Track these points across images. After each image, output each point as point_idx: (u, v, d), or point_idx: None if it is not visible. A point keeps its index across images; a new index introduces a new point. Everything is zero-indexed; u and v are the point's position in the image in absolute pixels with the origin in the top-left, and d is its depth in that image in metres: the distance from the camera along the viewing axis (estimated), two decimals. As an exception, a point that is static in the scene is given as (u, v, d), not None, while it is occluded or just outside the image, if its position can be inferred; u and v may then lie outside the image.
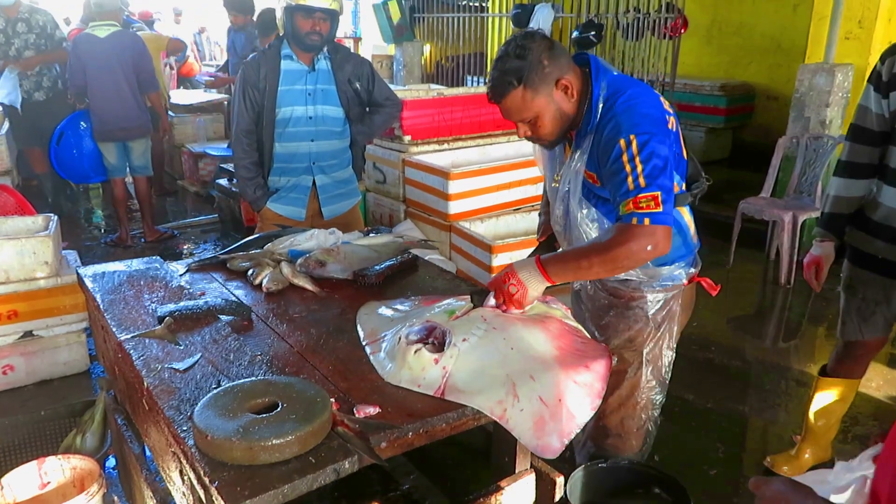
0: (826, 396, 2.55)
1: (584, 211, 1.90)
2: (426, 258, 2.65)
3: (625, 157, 1.69)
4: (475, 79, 8.34)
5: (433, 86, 6.99)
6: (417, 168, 4.71)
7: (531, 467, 1.90)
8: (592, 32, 6.62)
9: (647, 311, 2.00)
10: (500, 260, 4.06)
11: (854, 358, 2.49)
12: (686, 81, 7.74)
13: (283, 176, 3.00)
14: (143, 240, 5.62)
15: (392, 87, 6.42)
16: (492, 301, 1.78)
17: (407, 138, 4.85)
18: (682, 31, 6.05)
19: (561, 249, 2.07)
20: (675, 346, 2.09)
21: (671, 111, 1.84)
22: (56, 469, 2.11)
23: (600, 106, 1.78)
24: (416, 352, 1.58)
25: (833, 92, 4.91)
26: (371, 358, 1.69)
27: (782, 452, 2.77)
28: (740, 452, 2.97)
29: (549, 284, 1.74)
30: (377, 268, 2.25)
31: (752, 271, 5.10)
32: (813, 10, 5.42)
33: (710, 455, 2.89)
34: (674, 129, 1.82)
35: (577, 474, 1.98)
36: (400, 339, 1.64)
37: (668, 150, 1.72)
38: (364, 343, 1.76)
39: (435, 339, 1.64)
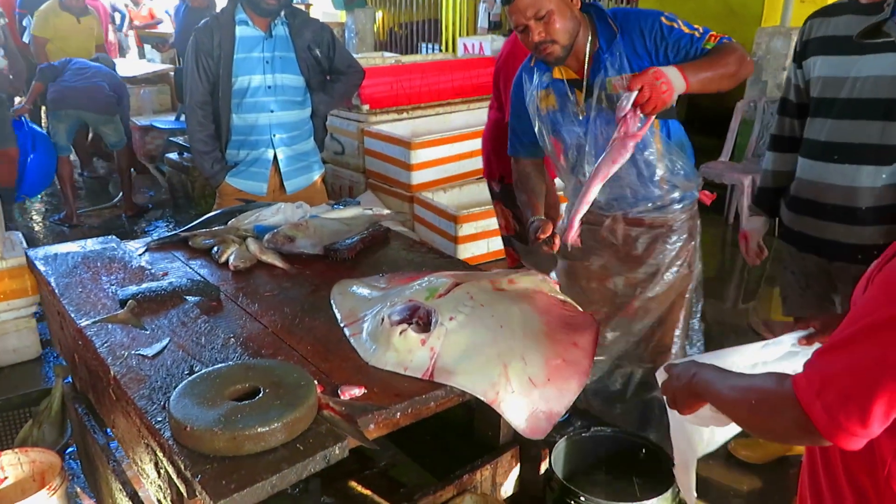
0: None
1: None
2: (394, 230, 2.58)
3: (676, 26, 1.86)
4: (429, 46, 8.20)
5: (386, 54, 6.83)
6: (377, 138, 4.60)
7: (514, 441, 1.87)
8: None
9: (686, 231, 2.12)
10: (465, 230, 4.01)
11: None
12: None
13: (241, 149, 2.86)
14: (123, 215, 5.42)
15: (347, 55, 6.22)
16: (631, 98, 1.68)
17: (365, 107, 4.73)
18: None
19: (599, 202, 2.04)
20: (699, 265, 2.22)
21: None
22: (13, 463, 1.99)
23: (609, 17, 1.92)
24: (401, 332, 1.51)
25: (790, 55, 4.96)
26: (352, 340, 1.61)
27: (748, 440, 2.66)
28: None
29: (685, 90, 1.75)
30: (348, 241, 2.17)
31: (712, 234, 5.16)
32: (768, -27, 5.44)
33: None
34: None
35: (561, 445, 1.96)
36: (383, 319, 1.56)
37: None
38: (342, 325, 1.68)
39: (419, 319, 1.57)
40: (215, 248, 2.12)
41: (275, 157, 2.86)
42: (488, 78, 5.25)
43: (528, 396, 1.50)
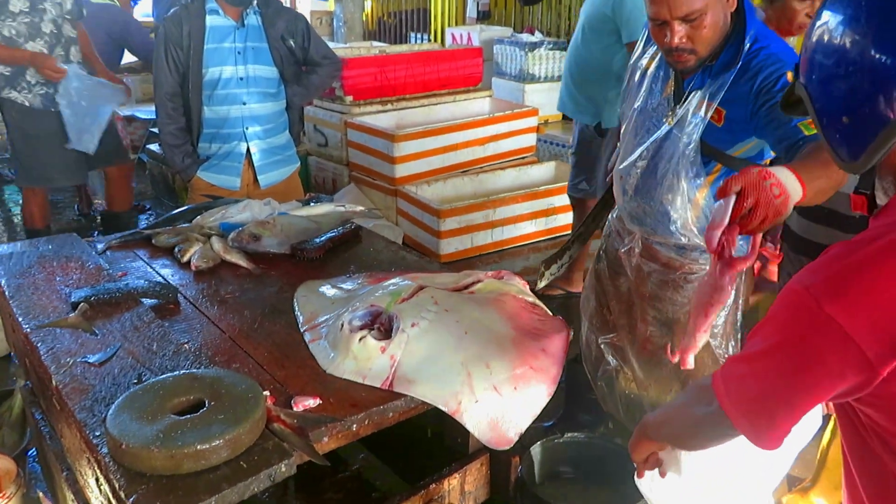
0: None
1: (693, 155, 1.71)
2: (371, 226, 2.52)
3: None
4: (418, 35, 8.10)
5: (375, 43, 6.73)
6: (360, 130, 4.51)
7: (485, 448, 1.81)
8: None
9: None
10: (448, 225, 3.94)
11: None
12: (632, 37, 7.66)
13: (213, 142, 2.77)
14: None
15: (332, 44, 6.14)
16: (729, 206, 1.23)
17: (349, 99, 4.64)
18: None
19: (631, 191, 1.88)
20: (740, 323, 1.92)
21: None
22: (-32, 469, 1.92)
23: (747, 45, 1.62)
24: (360, 339, 1.45)
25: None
26: (311, 346, 1.54)
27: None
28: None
29: (801, 196, 1.29)
30: (317, 240, 2.09)
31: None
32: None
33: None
34: None
35: (534, 450, 1.91)
36: (343, 325, 1.50)
37: None
38: (302, 329, 1.61)
39: (381, 326, 1.50)
40: (178, 247, 2.04)
41: (248, 150, 2.78)
42: (475, 69, 5.21)
43: (492, 406, 1.43)
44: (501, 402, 1.44)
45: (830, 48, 0.89)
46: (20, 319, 1.62)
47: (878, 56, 0.83)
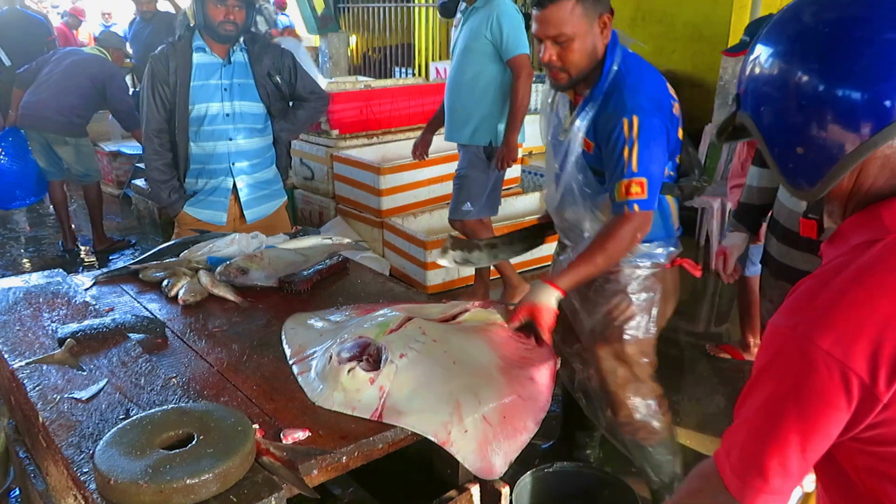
0: None
1: (580, 176, 1.93)
2: (358, 258, 2.53)
3: (625, 137, 1.77)
4: (403, 70, 8.21)
5: (360, 77, 6.81)
6: (347, 163, 4.56)
7: (475, 478, 1.80)
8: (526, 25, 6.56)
9: (624, 283, 2.00)
10: (434, 256, 3.96)
11: None
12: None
13: (200, 178, 2.79)
14: (93, 250, 5.16)
15: (318, 79, 6.14)
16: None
17: (335, 132, 4.69)
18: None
19: (560, 217, 2.08)
20: (654, 329, 2.07)
21: (675, 97, 1.90)
22: (-51, 511, 1.89)
23: (613, 70, 1.82)
24: (349, 371, 1.45)
25: (755, 79, 5.01)
26: (299, 379, 1.54)
27: None
28: (682, 443, 2.96)
29: (562, 294, 1.80)
30: (304, 273, 2.10)
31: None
32: (733, -1, 5.51)
33: (653, 447, 2.87)
34: (677, 115, 1.90)
35: (525, 481, 1.91)
36: (331, 357, 1.50)
37: (664, 138, 1.80)
38: (291, 362, 1.61)
39: (369, 357, 1.51)
40: (166, 282, 2.05)
41: (234, 185, 2.80)
42: (458, 102, 5.28)
43: (482, 436, 1.44)
44: (490, 431, 1.44)
45: (779, 81, 0.88)
46: (6, 356, 1.61)
47: (835, 89, 0.83)
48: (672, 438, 2.19)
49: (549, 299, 1.76)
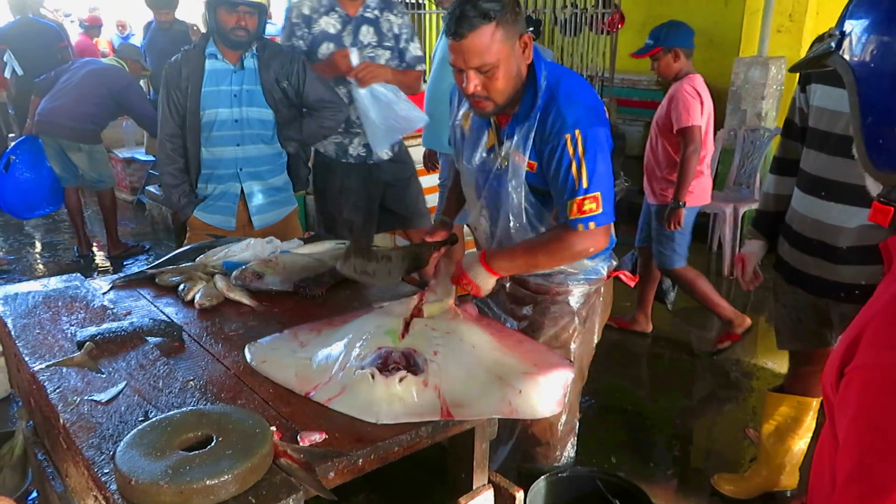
0: (775, 413, 2.38)
1: (523, 197, 1.85)
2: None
3: (570, 154, 1.69)
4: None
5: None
6: (358, 169, 4.57)
7: (489, 482, 1.81)
8: (531, 28, 6.56)
9: (574, 305, 1.97)
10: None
11: (798, 374, 2.31)
12: (624, 76, 7.78)
13: (210, 183, 2.81)
14: (107, 256, 5.23)
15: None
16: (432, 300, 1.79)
17: (346, 139, 4.70)
18: (620, 25, 6.08)
19: (488, 236, 2.01)
20: (595, 343, 2.07)
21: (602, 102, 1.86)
22: (-31, 512, 1.91)
23: (543, 84, 1.73)
24: (401, 380, 1.45)
25: (768, 84, 5.00)
26: (334, 405, 1.48)
27: (731, 473, 2.63)
28: (695, 449, 2.96)
29: (497, 278, 1.81)
30: (319, 278, 2.12)
31: (696, 263, 5.10)
32: (745, 4, 5.51)
33: (666, 454, 2.87)
34: (608, 120, 1.82)
35: (539, 485, 1.92)
36: (372, 376, 1.47)
37: (608, 146, 1.73)
38: (307, 394, 1.53)
39: (395, 364, 1.52)
40: (182, 286, 2.07)
41: (242, 191, 2.81)
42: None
43: (533, 387, 1.54)
44: (536, 379, 1.56)
45: None
46: (26, 359, 1.63)
47: None
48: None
49: (487, 283, 1.80)
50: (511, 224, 1.88)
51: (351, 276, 2.01)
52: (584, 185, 1.69)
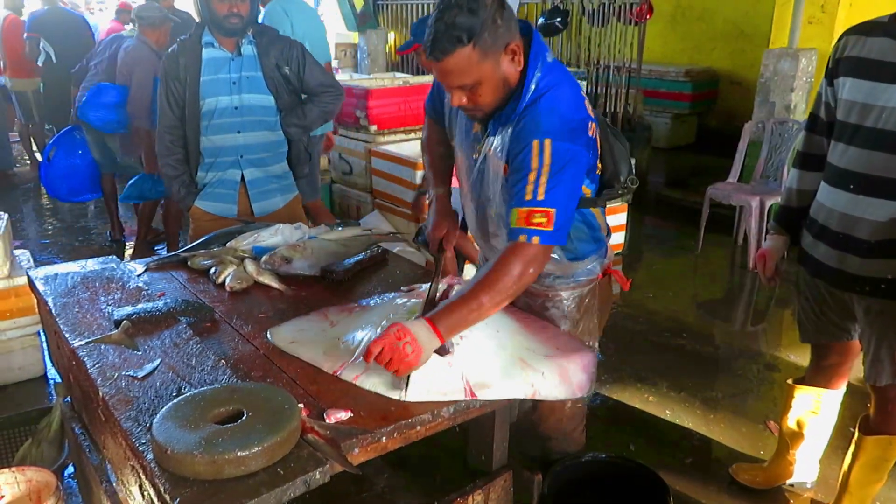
0: (795, 404, 2.37)
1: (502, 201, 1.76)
2: (396, 250, 2.59)
3: (533, 161, 1.58)
4: (441, 67, 8.24)
5: (398, 74, 6.88)
6: (384, 158, 4.63)
7: (508, 465, 1.85)
8: (558, 19, 6.58)
9: (565, 308, 1.92)
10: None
11: (820, 367, 2.31)
12: (651, 67, 7.74)
13: (210, 171, 2.79)
14: (140, 240, 5.25)
15: (357, 75, 6.19)
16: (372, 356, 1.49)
17: (373, 128, 4.76)
18: (648, 16, 6.04)
19: (473, 217, 1.93)
20: (596, 342, 2.03)
21: (593, 115, 1.73)
22: (10, 482, 2.00)
23: (532, 88, 1.63)
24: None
25: (798, 76, 4.94)
26: (361, 382, 1.53)
27: (750, 464, 2.63)
28: (715, 439, 2.97)
29: (441, 343, 1.53)
30: (346, 263, 2.17)
31: (721, 256, 5.12)
32: (776, -5, 5.44)
33: (685, 443, 2.89)
34: (593, 136, 1.71)
35: (557, 468, 1.95)
36: None
37: (579, 165, 1.64)
38: (335, 372, 1.58)
39: None
40: (213, 269, 2.13)
41: (243, 178, 2.80)
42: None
43: (556, 368, 1.59)
44: (558, 359, 1.62)
45: None
46: (67, 336, 1.70)
47: None
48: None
49: (429, 347, 1.50)
50: (491, 222, 1.85)
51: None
52: (539, 196, 1.56)
